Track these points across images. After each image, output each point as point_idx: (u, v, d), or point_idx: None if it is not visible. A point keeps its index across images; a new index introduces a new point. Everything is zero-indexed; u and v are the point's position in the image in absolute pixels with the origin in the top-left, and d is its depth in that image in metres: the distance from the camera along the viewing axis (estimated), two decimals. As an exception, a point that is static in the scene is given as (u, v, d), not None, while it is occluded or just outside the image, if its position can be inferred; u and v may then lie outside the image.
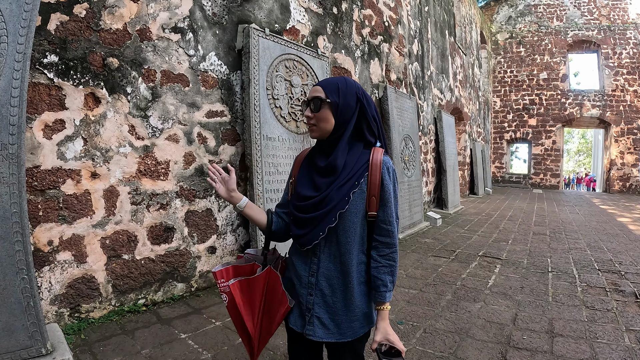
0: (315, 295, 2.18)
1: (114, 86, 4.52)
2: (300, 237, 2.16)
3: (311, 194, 2.13)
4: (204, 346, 4.01)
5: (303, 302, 2.21)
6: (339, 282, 2.16)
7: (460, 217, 13.14)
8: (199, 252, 5.43)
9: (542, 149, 27.05)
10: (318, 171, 2.17)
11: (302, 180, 2.24)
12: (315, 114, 2.10)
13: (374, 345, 2.09)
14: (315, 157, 2.22)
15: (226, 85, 5.67)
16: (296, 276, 2.25)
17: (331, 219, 2.07)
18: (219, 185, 2.28)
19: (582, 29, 26.14)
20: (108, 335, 4.15)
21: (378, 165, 2.11)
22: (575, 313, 5.00)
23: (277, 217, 2.39)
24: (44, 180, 4.01)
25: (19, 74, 3.18)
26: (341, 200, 2.06)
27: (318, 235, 2.10)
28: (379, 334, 2.09)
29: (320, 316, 2.17)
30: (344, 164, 2.11)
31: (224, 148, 5.67)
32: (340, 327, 2.17)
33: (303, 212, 2.15)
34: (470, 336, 4.36)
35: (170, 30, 5.01)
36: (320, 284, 2.17)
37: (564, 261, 7.56)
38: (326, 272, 2.16)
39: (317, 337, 2.17)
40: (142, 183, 4.81)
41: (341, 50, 8.17)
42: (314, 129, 2.14)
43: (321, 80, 2.19)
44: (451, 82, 16.77)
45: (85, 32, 4.25)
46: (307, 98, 2.16)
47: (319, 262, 2.17)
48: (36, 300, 3.29)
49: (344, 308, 2.17)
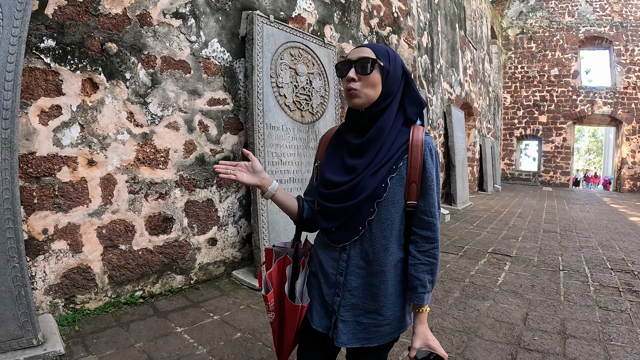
0: (343, 296, 1.94)
1: (112, 72, 4.43)
2: (331, 231, 1.92)
3: (341, 180, 1.86)
4: (199, 341, 3.92)
5: (329, 302, 1.97)
6: (371, 282, 1.91)
7: (469, 213, 13.05)
8: (199, 243, 5.35)
9: (552, 146, 26.85)
10: (350, 150, 1.89)
11: (329, 163, 1.97)
12: (362, 77, 1.77)
13: (412, 352, 1.85)
14: (347, 133, 1.92)
15: (229, 72, 5.58)
16: (322, 273, 2.00)
17: (369, 210, 1.83)
18: (242, 174, 1.93)
19: (594, 25, 25.88)
20: (102, 327, 4.08)
21: (420, 146, 1.84)
22: (588, 313, 4.87)
23: (307, 204, 2.11)
24: (39, 167, 3.93)
25: (13, 58, 3.16)
26: (377, 187, 1.81)
27: (356, 231, 1.86)
28: (418, 339, 1.86)
29: (346, 319, 1.94)
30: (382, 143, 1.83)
31: (225, 137, 5.58)
32: (368, 331, 1.95)
33: (332, 201, 1.89)
34: (479, 336, 4.24)
35: (171, 15, 4.91)
36: (350, 283, 1.93)
37: (576, 260, 7.44)
38: (357, 271, 1.92)
39: (340, 343, 1.94)
40: (141, 171, 4.72)
41: (348, 41, 8.06)
42: (357, 94, 1.78)
43: (359, 45, 1.89)
44: (461, 76, 16.63)
45: (83, 17, 4.17)
46: (348, 59, 1.82)
47: (349, 258, 1.92)
48: (27, 290, 3.25)
49: (374, 311, 1.94)
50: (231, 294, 5.10)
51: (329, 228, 1.91)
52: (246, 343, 3.90)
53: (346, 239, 1.88)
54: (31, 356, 3.23)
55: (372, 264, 1.89)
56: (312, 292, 2.05)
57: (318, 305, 2.01)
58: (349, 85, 1.78)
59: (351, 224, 1.85)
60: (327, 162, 1.98)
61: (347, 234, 1.87)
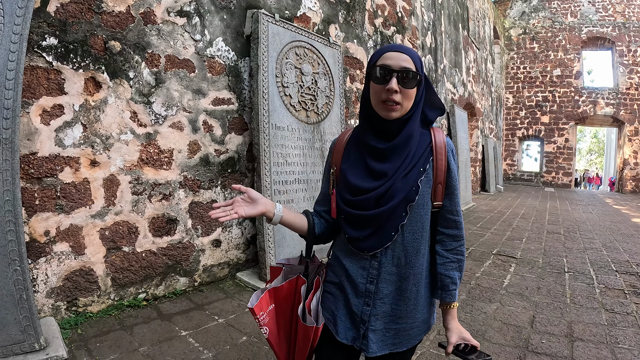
0: (374, 305, 1.87)
1: (115, 70, 4.37)
2: (360, 240, 1.84)
3: (370, 185, 1.80)
4: (205, 345, 3.86)
5: (357, 312, 1.89)
6: (403, 287, 1.87)
7: (472, 214, 13.00)
8: (203, 245, 5.29)
9: (554, 146, 26.78)
10: (374, 154, 1.83)
11: (354, 169, 1.88)
12: (405, 90, 1.70)
13: (450, 348, 1.86)
14: (369, 137, 1.84)
15: (234, 72, 5.53)
16: (350, 284, 1.91)
17: (401, 215, 1.79)
18: (241, 208, 1.80)
19: (597, 26, 25.82)
20: (106, 330, 4.02)
21: (443, 148, 1.85)
22: (595, 316, 4.85)
23: (318, 218, 2.06)
24: (40, 167, 3.87)
25: (14, 56, 3.11)
26: (409, 190, 1.78)
27: (389, 237, 1.81)
28: (454, 334, 1.88)
29: (376, 328, 1.88)
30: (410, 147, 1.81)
31: (230, 137, 5.53)
32: (397, 336, 1.91)
33: (362, 208, 1.81)
34: (487, 339, 4.21)
35: (175, 13, 4.86)
36: (382, 291, 1.87)
37: (580, 261, 7.41)
38: (389, 277, 1.86)
39: (371, 353, 1.87)
40: (144, 172, 4.66)
41: (353, 40, 8.01)
42: (396, 108, 1.71)
43: (395, 45, 1.76)
44: (464, 76, 16.57)
45: (86, 15, 4.11)
46: (388, 66, 1.70)
47: (380, 266, 1.85)
48: (29, 293, 3.20)
49: (405, 316, 1.90)
50: (235, 296, 5.05)
51: (358, 236, 1.84)
52: (252, 347, 3.84)
53: (378, 246, 1.82)
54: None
55: (404, 269, 1.85)
56: (335, 303, 1.97)
57: (344, 317, 1.93)
58: (391, 97, 1.69)
59: (383, 230, 1.80)
60: (349, 167, 1.90)
61: (378, 240, 1.82)
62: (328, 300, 1.99)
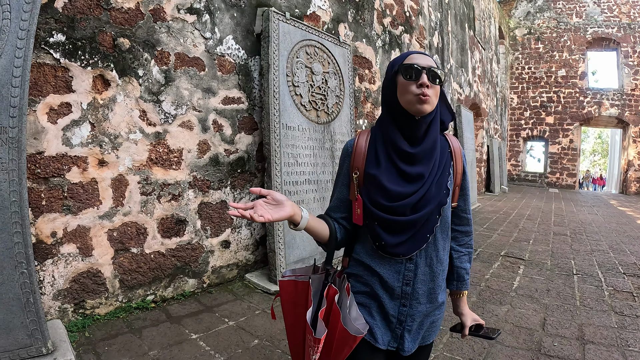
0: (411, 305, 1.90)
1: (124, 68, 4.30)
2: (398, 245, 1.84)
3: (407, 190, 1.82)
4: (216, 348, 3.80)
5: (394, 314, 1.90)
6: (436, 284, 1.94)
7: (478, 214, 12.99)
8: (212, 246, 5.24)
9: (559, 147, 26.73)
10: (405, 158, 1.84)
11: (386, 173, 1.85)
12: (433, 86, 1.78)
13: (466, 331, 2.11)
14: (395, 139, 1.85)
15: (244, 70, 5.47)
16: (384, 289, 1.90)
17: (435, 218, 1.86)
18: (267, 212, 1.65)
19: (602, 26, 25.76)
20: (114, 333, 3.97)
21: (460, 153, 2.00)
22: (605, 319, 4.83)
23: (337, 224, 2.00)
24: (47, 167, 3.81)
25: (21, 52, 3.04)
26: (442, 194, 1.87)
27: (425, 239, 1.86)
28: (469, 318, 2.13)
29: (412, 328, 1.93)
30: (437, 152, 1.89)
31: (240, 137, 5.47)
32: (428, 330, 2.01)
33: (399, 214, 1.81)
34: (499, 342, 4.16)
35: (185, 11, 4.80)
36: (417, 292, 1.90)
37: (588, 263, 7.38)
38: (424, 278, 1.90)
39: (407, 352, 1.93)
40: (153, 172, 4.60)
41: (362, 39, 7.97)
42: (430, 101, 1.76)
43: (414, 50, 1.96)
44: (470, 76, 16.52)
45: (94, 11, 4.05)
46: (417, 64, 1.78)
47: (416, 267, 1.89)
48: (36, 297, 3.13)
49: (437, 309, 1.99)
50: (245, 298, 5.00)
51: (396, 242, 1.83)
52: (265, 350, 3.79)
53: (414, 249, 1.85)
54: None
55: (436, 266, 1.92)
56: (367, 312, 1.93)
57: (379, 323, 1.92)
58: (424, 91, 1.74)
59: (420, 233, 1.85)
60: (378, 170, 1.86)
61: (415, 244, 1.85)
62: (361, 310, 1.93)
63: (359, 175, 1.92)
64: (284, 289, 1.99)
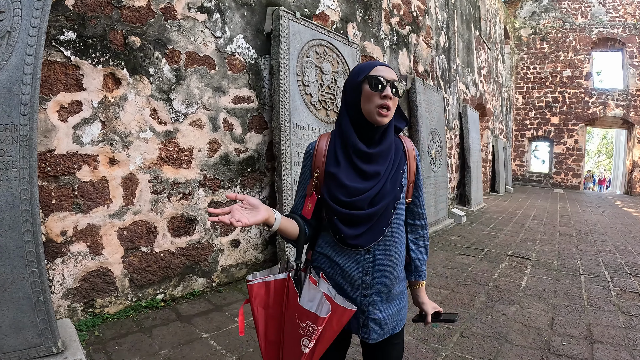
0: (371, 295, 2.04)
1: (135, 67, 4.30)
2: (356, 237, 1.97)
3: (364, 186, 1.95)
4: (227, 347, 3.79)
5: (357, 304, 2.01)
6: (394, 274, 2.08)
7: (484, 214, 12.97)
8: (221, 245, 5.23)
9: (563, 148, 26.66)
10: (363, 158, 1.98)
11: (344, 171, 1.98)
12: (394, 99, 1.93)
13: (429, 318, 2.22)
14: (353, 142, 1.99)
15: (254, 69, 5.47)
16: (345, 279, 2.02)
17: (390, 211, 2.01)
18: (244, 216, 1.70)
19: (607, 27, 25.67)
20: (124, 332, 3.96)
21: (413, 153, 2.17)
22: (612, 319, 4.85)
23: (303, 220, 2.07)
24: (58, 165, 3.80)
25: (32, 50, 3.03)
26: (397, 190, 2.02)
27: (382, 232, 2.00)
28: (429, 306, 2.25)
29: (375, 317, 2.05)
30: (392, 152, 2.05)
31: (250, 136, 5.47)
32: (393, 320, 2.11)
33: (356, 208, 1.94)
34: (509, 341, 4.18)
35: (196, 9, 4.79)
36: (377, 282, 2.04)
37: (595, 264, 7.39)
38: (382, 268, 2.04)
39: (373, 340, 2.06)
40: (164, 171, 4.60)
41: (370, 39, 7.97)
42: (388, 114, 1.92)
43: (378, 61, 2.02)
44: (476, 76, 16.52)
45: (105, 9, 4.04)
46: (383, 77, 1.91)
47: (375, 259, 2.02)
48: (47, 296, 3.13)
49: (397, 300, 2.13)
50: (254, 297, 4.94)
51: (354, 234, 1.97)
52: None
53: (372, 241, 1.99)
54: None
55: (393, 257, 2.06)
56: None
57: None
58: (386, 103, 1.90)
59: (377, 226, 1.99)
60: (338, 169, 2.00)
61: (373, 236, 1.99)
62: None
63: (319, 175, 2.05)
64: (256, 292, 1.98)
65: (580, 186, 26.78)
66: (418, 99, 9.51)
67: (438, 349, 3.93)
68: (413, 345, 3.98)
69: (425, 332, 4.25)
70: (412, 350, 3.87)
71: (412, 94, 9.53)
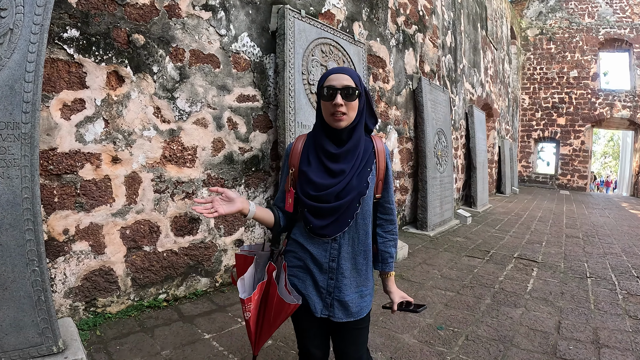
0: (337, 279, 2.29)
1: (139, 65, 4.28)
2: (323, 227, 2.22)
3: (330, 182, 2.20)
4: (229, 349, 3.76)
5: (324, 287, 2.30)
6: (358, 262, 2.32)
7: (490, 216, 12.93)
8: (225, 245, 5.21)
9: (570, 149, 26.56)
10: (330, 157, 2.22)
11: (314, 169, 2.25)
12: (348, 103, 2.12)
13: (395, 306, 2.44)
14: (324, 143, 2.24)
15: (259, 68, 5.44)
16: (314, 264, 2.30)
17: (355, 205, 2.23)
18: (220, 207, 2.07)
19: (614, 27, 25.56)
20: (125, 332, 3.94)
21: (383, 152, 2.36)
22: (619, 322, 4.79)
23: (281, 213, 2.41)
24: (60, 164, 3.78)
25: (35, 47, 3.02)
26: (362, 186, 2.22)
27: (347, 224, 2.24)
28: (396, 295, 2.47)
29: (340, 299, 2.29)
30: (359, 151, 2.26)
31: (254, 135, 5.44)
32: (358, 305, 2.32)
33: (324, 201, 2.20)
34: (515, 345, 4.12)
35: (200, 7, 4.77)
36: (342, 267, 2.28)
37: (601, 266, 7.32)
38: (346, 256, 2.29)
39: (337, 319, 2.29)
40: (167, 170, 4.57)
41: (376, 38, 7.95)
42: (343, 118, 2.14)
43: (337, 67, 2.24)
44: (482, 76, 16.46)
45: (109, 6, 4.02)
46: (332, 86, 2.13)
47: (340, 247, 2.27)
48: (48, 295, 3.11)
49: (361, 286, 2.35)
50: (258, 297, 4.93)
51: (321, 225, 2.22)
52: (279, 352, 3.75)
53: (338, 231, 2.24)
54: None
55: (357, 247, 2.31)
56: (302, 284, 2.35)
57: (312, 293, 2.33)
58: (338, 110, 2.10)
59: (342, 218, 2.22)
60: (309, 168, 2.26)
61: (339, 227, 2.23)
62: (296, 282, 2.36)
63: (294, 172, 2.32)
64: (237, 261, 2.49)
65: (586, 188, 26.69)
66: (424, 98, 9.47)
67: (443, 352, 3.89)
68: (418, 348, 3.95)
69: (430, 335, 4.22)
70: (417, 354, 3.84)
71: (418, 94, 9.50)
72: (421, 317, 4.64)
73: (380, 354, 3.81)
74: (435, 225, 9.57)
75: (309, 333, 2.43)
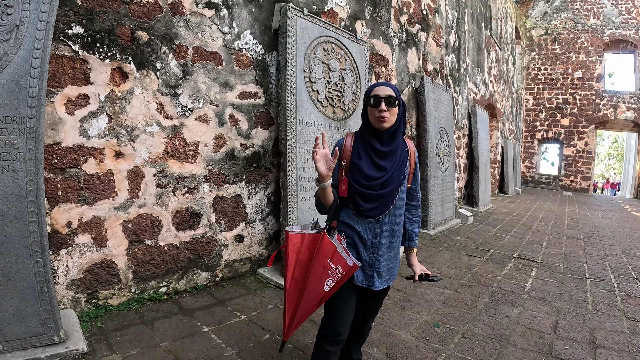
0: (378, 253, 2.75)
1: (142, 61, 4.33)
2: (371, 210, 2.67)
3: (377, 175, 2.65)
4: (228, 341, 3.81)
5: (366, 260, 2.75)
6: (394, 239, 2.81)
7: (491, 215, 12.92)
8: (225, 240, 5.26)
9: (573, 150, 26.49)
10: (378, 154, 2.68)
11: (365, 163, 2.68)
12: (390, 109, 2.59)
13: (416, 277, 2.99)
14: (371, 142, 2.70)
15: (261, 65, 5.48)
16: (360, 240, 2.75)
17: (395, 193, 2.73)
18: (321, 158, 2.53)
19: (619, 28, 25.46)
20: (126, 324, 3.99)
21: (413, 151, 2.91)
22: (617, 324, 4.79)
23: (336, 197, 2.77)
24: (64, 158, 3.83)
25: (40, 44, 3.09)
26: (400, 179, 2.73)
27: (388, 207, 2.72)
28: (418, 268, 3.02)
29: (379, 270, 2.77)
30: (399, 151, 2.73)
31: (256, 132, 5.49)
32: (390, 274, 2.87)
33: (372, 189, 2.64)
34: (511, 344, 4.15)
35: (203, 5, 4.81)
36: (382, 243, 2.76)
37: (601, 268, 7.31)
38: (386, 233, 2.77)
39: (376, 287, 2.78)
40: (169, 165, 4.62)
41: (379, 37, 7.95)
42: (387, 121, 2.59)
43: (381, 82, 2.71)
44: (486, 76, 16.43)
45: (113, 4, 4.07)
46: (378, 95, 2.60)
47: (382, 226, 2.75)
48: (50, 286, 3.18)
49: (394, 259, 2.87)
50: (257, 292, 5.02)
51: (369, 208, 2.67)
52: (276, 345, 3.79)
53: (381, 213, 2.71)
54: (52, 354, 3.15)
55: (394, 227, 2.80)
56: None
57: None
58: (382, 114, 2.58)
59: (385, 203, 2.70)
60: (360, 161, 2.70)
61: (382, 209, 2.71)
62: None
63: (346, 164, 2.73)
64: (291, 241, 2.71)
65: (589, 189, 26.61)
66: (427, 97, 9.46)
67: (439, 349, 3.93)
68: (414, 344, 3.98)
69: (427, 332, 4.25)
70: (413, 350, 3.87)
71: (421, 93, 9.49)
72: (418, 314, 4.68)
73: (376, 349, 3.85)
74: (436, 224, 9.56)
75: (345, 311, 2.74)
